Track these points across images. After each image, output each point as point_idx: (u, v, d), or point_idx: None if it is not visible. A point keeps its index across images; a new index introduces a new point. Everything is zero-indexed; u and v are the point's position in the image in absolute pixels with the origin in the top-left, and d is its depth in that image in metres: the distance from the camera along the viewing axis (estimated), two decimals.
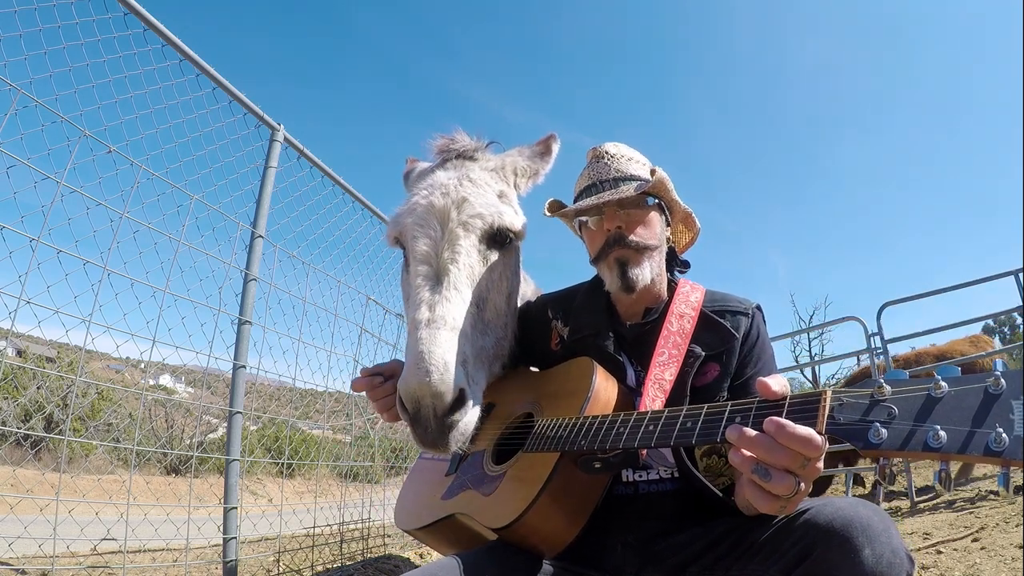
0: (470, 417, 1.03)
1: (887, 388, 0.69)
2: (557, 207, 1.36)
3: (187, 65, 2.44)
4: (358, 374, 1.32)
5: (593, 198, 1.25)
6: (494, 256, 1.21)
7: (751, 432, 0.72)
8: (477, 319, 1.14)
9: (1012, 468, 0.60)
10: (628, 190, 1.22)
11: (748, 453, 0.72)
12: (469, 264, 1.14)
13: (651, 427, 0.89)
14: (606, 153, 1.33)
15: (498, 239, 1.21)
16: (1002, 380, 0.62)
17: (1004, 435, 0.58)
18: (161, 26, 2.29)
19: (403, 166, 1.48)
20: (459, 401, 1.00)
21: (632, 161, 1.32)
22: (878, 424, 0.67)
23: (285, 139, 2.95)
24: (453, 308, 1.06)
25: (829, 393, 0.73)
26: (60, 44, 1.98)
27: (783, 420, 0.70)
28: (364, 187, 4.77)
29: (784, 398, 0.76)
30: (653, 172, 1.21)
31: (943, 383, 0.65)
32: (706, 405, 0.84)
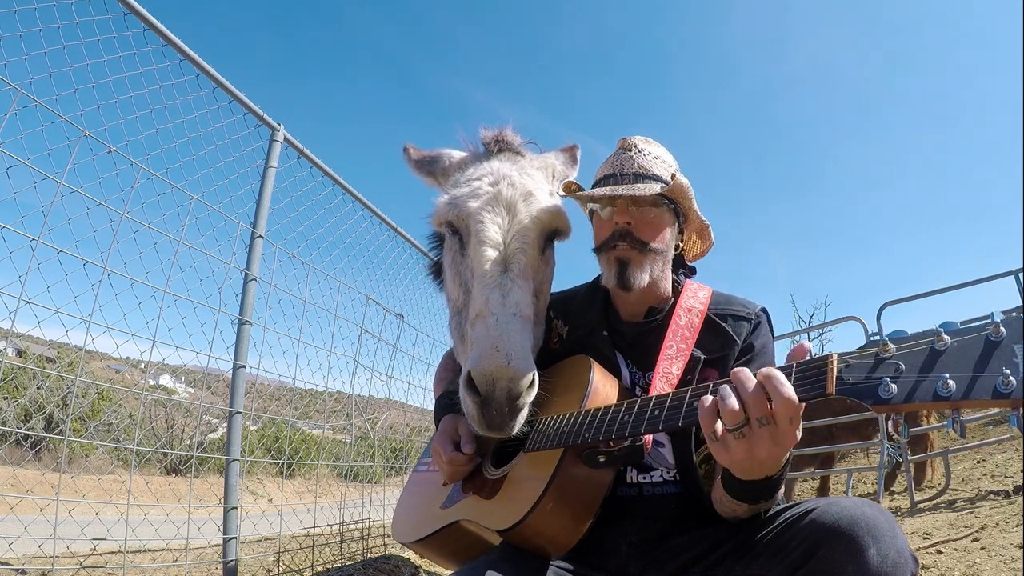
0: (529, 401, 1.05)
1: (891, 346, 0.70)
2: (574, 188, 1.33)
3: (187, 65, 2.43)
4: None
5: (608, 188, 1.23)
6: (548, 251, 1.24)
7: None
8: (534, 309, 1.17)
9: None
10: (644, 189, 1.20)
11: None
12: (534, 255, 1.17)
13: (656, 411, 0.88)
14: (634, 146, 1.30)
15: (552, 237, 1.24)
16: (1002, 328, 0.64)
17: (1012, 377, 0.60)
18: (161, 26, 2.28)
19: (403, 163, 1.48)
20: (531, 385, 1.02)
21: (658, 160, 1.29)
22: (887, 379, 0.68)
23: (285, 139, 2.95)
24: (523, 296, 1.09)
25: (835, 356, 0.75)
26: (60, 44, 1.98)
27: (774, 371, 0.76)
28: (364, 187, 4.78)
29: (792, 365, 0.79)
30: (674, 176, 1.19)
31: (945, 335, 0.67)
32: (713, 382, 0.84)
